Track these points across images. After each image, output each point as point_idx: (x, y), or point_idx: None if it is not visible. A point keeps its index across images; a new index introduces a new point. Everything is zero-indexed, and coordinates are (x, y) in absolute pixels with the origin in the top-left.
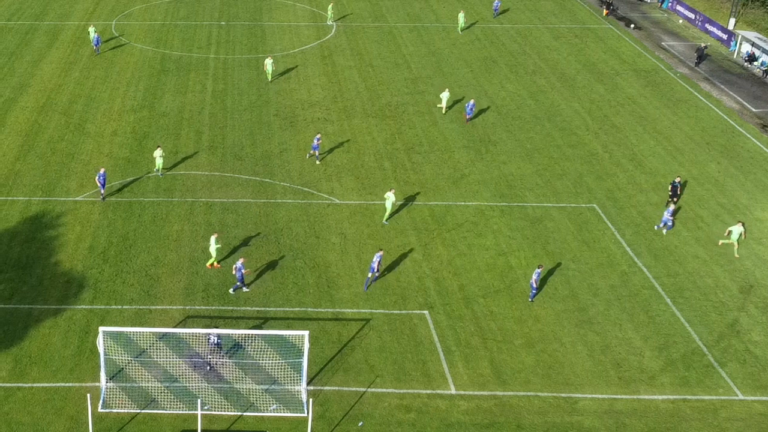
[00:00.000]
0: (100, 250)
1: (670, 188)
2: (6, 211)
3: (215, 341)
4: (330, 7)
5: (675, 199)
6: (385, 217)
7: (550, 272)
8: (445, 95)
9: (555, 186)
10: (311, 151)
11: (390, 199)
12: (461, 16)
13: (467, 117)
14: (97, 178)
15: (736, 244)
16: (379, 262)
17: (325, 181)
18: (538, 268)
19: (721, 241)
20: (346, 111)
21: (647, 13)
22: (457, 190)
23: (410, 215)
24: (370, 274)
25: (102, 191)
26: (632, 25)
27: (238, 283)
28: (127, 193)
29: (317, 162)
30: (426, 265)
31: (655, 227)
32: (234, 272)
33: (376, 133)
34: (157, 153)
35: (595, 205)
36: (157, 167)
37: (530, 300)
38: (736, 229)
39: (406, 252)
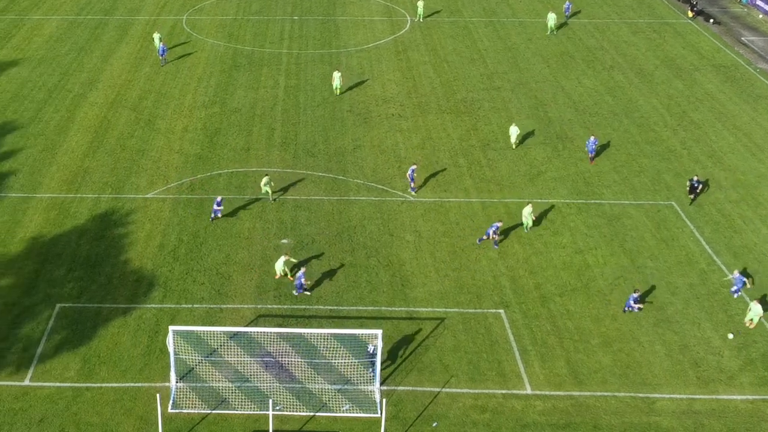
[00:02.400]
0: (171, 248)
1: (688, 186)
2: (75, 209)
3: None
4: (421, 4)
5: (693, 197)
6: (525, 227)
7: (627, 271)
8: (514, 130)
9: (633, 183)
10: (410, 183)
11: (528, 214)
12: (551, 17)
13: (591, 156)
14: (214, 205)
15: None
16: (495, 231)
17: (399, 179)
18: (635, 292)
19: None
20: (420, 107)
21: (727, 8)
22: (534, 187)
23: (486, 213)
24: (485, 237)
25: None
26: (711, 20)
27: (299, 290)
28: (198, 190)
29: (413, 193)
30: (501, 263)
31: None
32: (294, 280)
33: (451, 130)
34: (264, 181)
35: (673, 203)
36: (264, 192)
37: (624, 311)
38: None
39: (481, 250)
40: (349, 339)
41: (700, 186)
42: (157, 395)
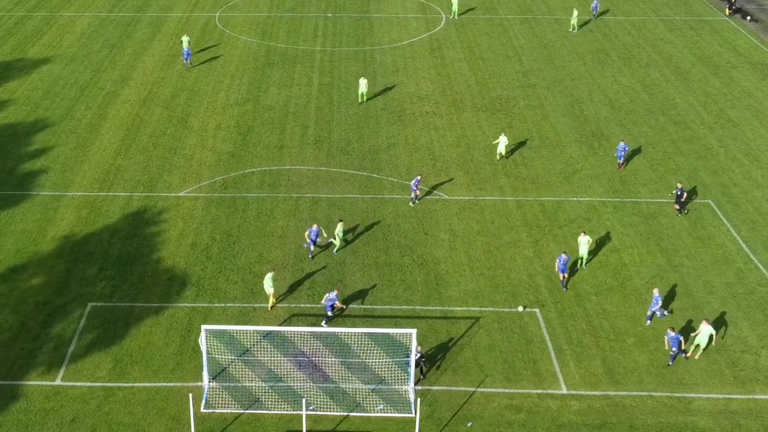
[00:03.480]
0: (203, 246)
1: (674, 196)
2: (107, 207)
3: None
4: (456, 0)
5: (678, 207)
6: (583, 262)
7: (663, 270)
8: (503, 140)
9: (669, 181)
10: (414, 193)
11: (584, 243)
12: (575, 14)
13: (620, 162)
14: (307, 233)
15: None
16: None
17: (434, 176)
18: (672, 331)
19: None
20: (455, 105)
21: (764, 5)
22: (569, 185)
23: (521, 211)
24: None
25: (311, 248)
26: (749, 18)
27: (329, 314)
28: (231, 189)
29: (411, 204)
30: (537, 262)
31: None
32: (323, 302)
33: (486, 127)
34: (339, 227)
35: (710, 201)
36: (336, 247)
37: (674, 359)
38: None
39: (516, 249)
40: (383, 338)
41: (685, 195)
42: (190, 395)
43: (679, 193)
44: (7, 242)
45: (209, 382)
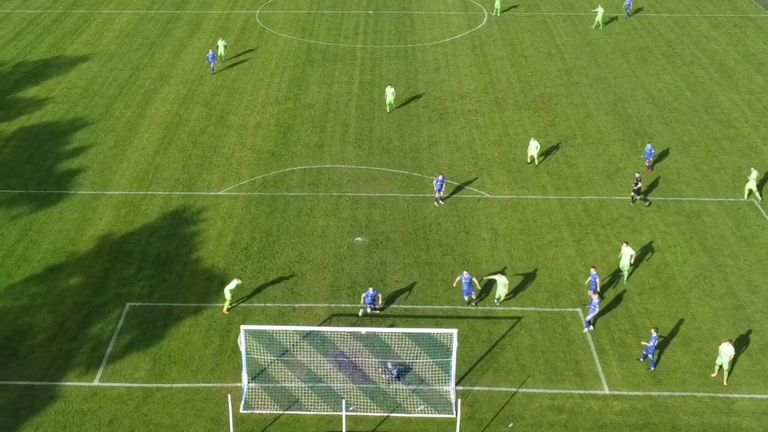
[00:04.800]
0: (243, 246)
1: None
2: (146, 206)
3: (392, 372)
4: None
5: (634, 195)
6: (625, 277)
7: (707, 269)
8: (533, 144)
9: (713, 180)
10: (439, 194)
11: (626, 254)
12: (601, 10)
13: (647, 164)
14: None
15: None
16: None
17: (476, 175)
18: (655, 332)
19: None
20: (497, 103)
21: None
22: (612, 184)
23: (563, 210)
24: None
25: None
26: None
27: (368, 309)
28: (271, 188)
29: (435, 204)
30: (579, 261)
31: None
32: (363, 301)
33: (529, 126)
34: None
35: (753, 200)
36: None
37: (641, 360)
38: None
39: (558, 248)
40: (424, 338)
41: (640, 183)
42: (229, 396)
43: (637, 182)
44: (45, 242)
45: (248, 382)
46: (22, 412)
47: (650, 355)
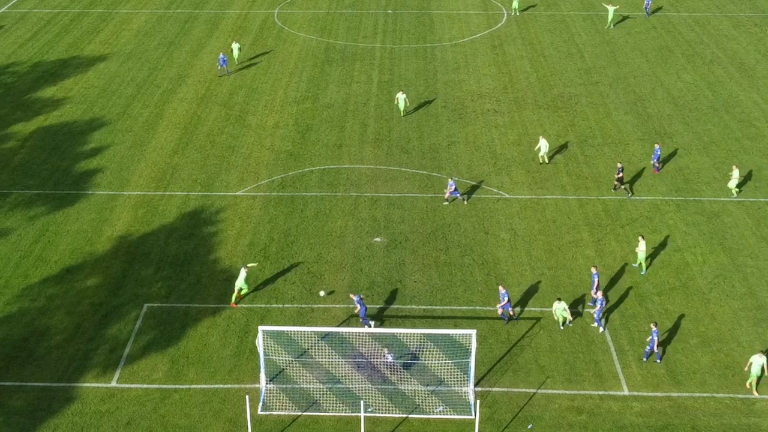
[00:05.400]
0: (261, 246)
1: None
2: (164, 207)
3: (390, 359)
4: None
5: (617, 184)
6: (643, 269)
7: (726, 269)
8: (543, 143)
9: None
10: (451, 197)
11: (641, 248)
12: (611, 10)
13: (655, 166)
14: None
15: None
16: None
17: (495, 175)
18: (654, 326)
19: None
20: (516, 102)
21: None
22: (631, 184)
23: (583, 210)
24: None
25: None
26: None
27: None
28: (290, 188)
29: (465, 202)
30: (599, 262)
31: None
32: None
33: (548, 125)
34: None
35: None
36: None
37: (645, 359)
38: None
39: (578, 248)
40: (442, 339)
41: (622, 173)
42: (247, 397)
43: (619, 172)
44: (62, 242)
45: (267, 383)
46: (39, 413)
47: (654, 350)
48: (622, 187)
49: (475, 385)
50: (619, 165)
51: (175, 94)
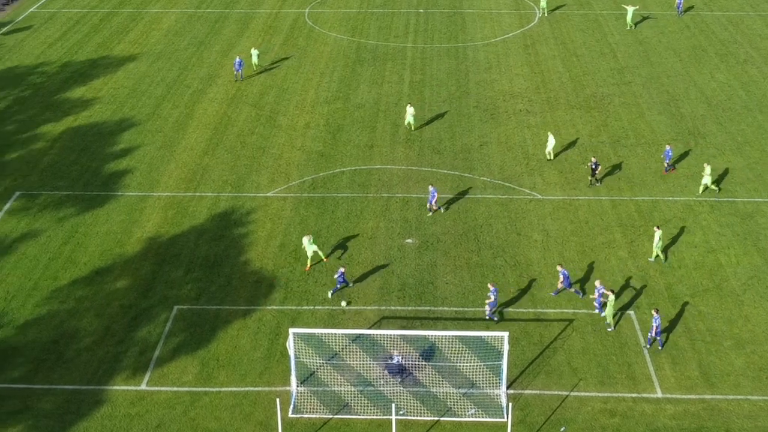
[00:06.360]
0: (292, 247)
1: (591, 168)
2: (194, 208)
3: (397, 362)
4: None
5: (591, 179)
6: (663, 259)
7: (761, 270)
8: (551, 140)
9: (767, 180)
10: (430, 205)
11: (657, 236)
12: (630, 10)
13: (666, 165)
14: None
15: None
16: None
17: (527, 176)
18: (656, 312)
19: None
20: (549, 102)
21: None
22: (665, 184)
23: (616, 211)
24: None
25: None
26: None
27: (338, 286)
28: (320, 189)
29: (441, 211)
30: (631, 262)
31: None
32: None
33: (581, 126)
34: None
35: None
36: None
37: (648, 345)
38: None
39: (610, 249)
40: (474, 341)
41: (598, 168)
42: (277, 400)
43: (593, 166)
44: (91, 244)
45: (297, 386)
46: (68, 416)
47: (657, 337)
48: (597, 183)
49: (508, 387)
50: (593, 159)
51: (205, 94)
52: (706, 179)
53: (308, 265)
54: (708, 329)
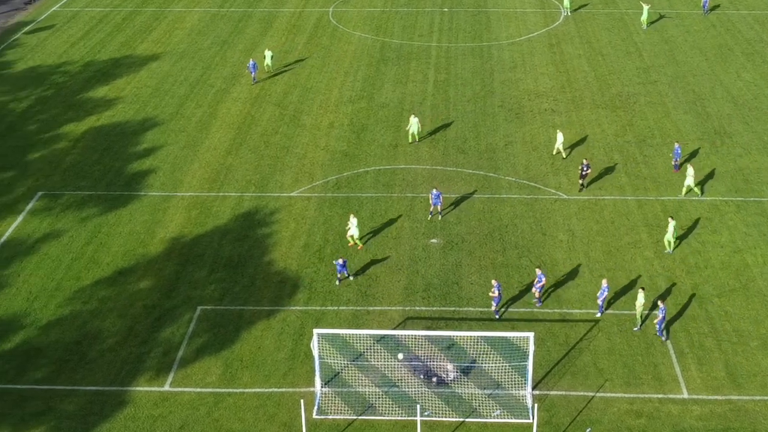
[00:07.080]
0: (316, 248)
1: (580, 172)
2: (217, 208)
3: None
4: None
5: (581, 182)
6: (672, 246)
7: None
8: (559, 137)
9: None
10: (433, 208)
11: (671, 224)
12: (646, 9)
13: (675, 163)
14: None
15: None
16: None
17: (552, 176)
18: (661, 302)
19: None
20: (574, 102)
21: None
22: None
23: (641, 211)
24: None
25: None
26: None
27: (338, 276)
28: (345, 189)
29: (435, 217)
30: (658, 263)
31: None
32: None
33: (606, 125)
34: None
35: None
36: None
37: (659, 334)
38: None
39: (636, 249)
40: (500, 342)
41: (589, 170)
42: (301, 401)
43: (585, 169)
44: (114, 244)
45: (321, 387)
46: (91, 417)
47: (659, 326)
48: (583, 188)
49: (533, 388)
50: (584, 161)
51: (228, 93)
52: (689, 180)
53: (360, 244)
54: (734, 329)
